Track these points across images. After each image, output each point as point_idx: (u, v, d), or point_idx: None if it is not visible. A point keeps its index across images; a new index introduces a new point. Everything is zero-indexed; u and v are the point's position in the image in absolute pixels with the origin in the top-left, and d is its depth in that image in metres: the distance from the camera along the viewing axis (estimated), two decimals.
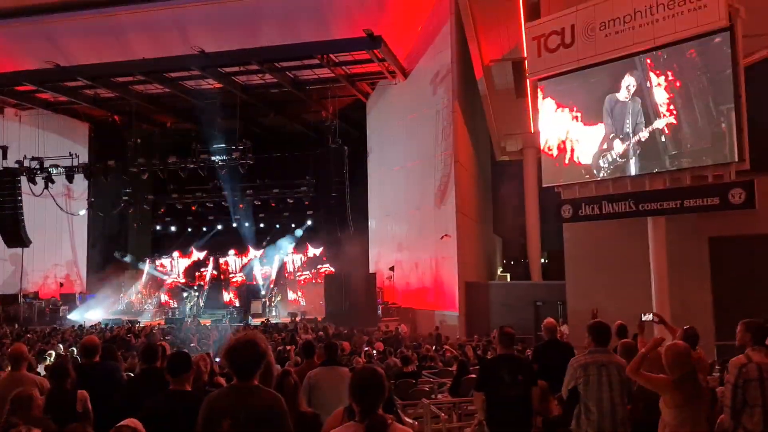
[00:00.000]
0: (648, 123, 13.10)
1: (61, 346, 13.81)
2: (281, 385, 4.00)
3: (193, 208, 28.21)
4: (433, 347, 13.76)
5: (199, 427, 3.17)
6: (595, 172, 14.04)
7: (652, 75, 13.05)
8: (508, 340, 5.29)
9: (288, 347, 12.36)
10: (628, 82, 13.46)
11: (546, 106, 15.01)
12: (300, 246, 27.94)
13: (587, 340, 4.91)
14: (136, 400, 3.98)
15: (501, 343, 5.31)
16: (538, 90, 15.24)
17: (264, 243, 29.10)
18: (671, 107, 12.75)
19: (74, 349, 11.74)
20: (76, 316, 24.63)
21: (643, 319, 6.59)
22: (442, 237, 20.19)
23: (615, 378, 4.63)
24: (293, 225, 28.16)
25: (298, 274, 27.85)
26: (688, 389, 3.99)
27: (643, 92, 13.22)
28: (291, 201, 26.08)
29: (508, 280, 25.85)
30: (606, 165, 13.84)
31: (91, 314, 24.99)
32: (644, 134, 13.16)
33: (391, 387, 5.01)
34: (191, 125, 27.97)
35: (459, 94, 20.24)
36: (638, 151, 13.25)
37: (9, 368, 5.35)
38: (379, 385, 2.83)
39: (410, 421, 6.19)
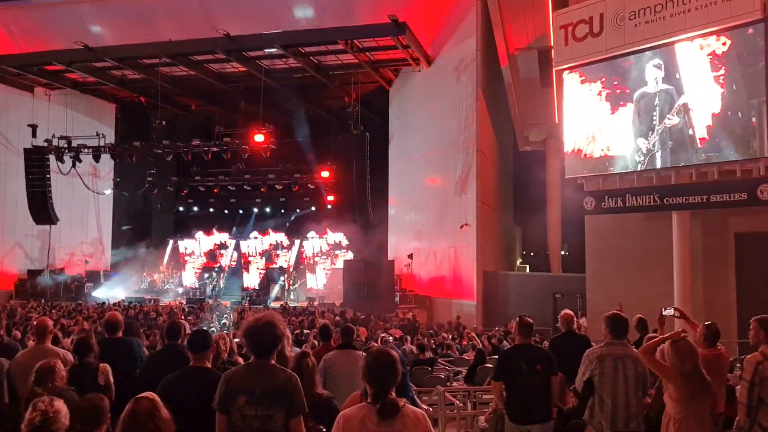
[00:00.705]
0: (676, 115, 12.89)
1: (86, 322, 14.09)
2: (300, 366, 4.05)
3: (216, 191, 28.48)
4: (450, 336, 13.78)
5: (216, 403, 3.25)
6: (620, 165, 13.87)
7: (681, 66, 12.82)
8: (527, 330, 5.27)
9: (306, 331, 12.49)
10: (656, 74, 13.24)
11: (572, 94, 14.83)
12: (320, 231, 28.10)
13: (604, 333, 4.88)
14: (157, 375, 4.06)
15: (520, 333, 5.30)
16: (564, 79, 15.06)
17: (284, 227, 29.35)
18: (701, 100, 12.53)
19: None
20: (100, 293, 25.11)
21: (664, 313, 6.50)
22: (461, 226, 20.13)
23: (631, 371, 4.59)
24: (313, 209, 28.31)
25: (318, 258, 28.00)
26: (694, 384, 3.95)
27: (672, 83, 13.01)
28: (312, 186, 26.18)
29: (527, 271, 25.72)
30: (632, 159, 13.66)
31: (114, 292, 25.47)
32: (670, 124, 12.93)
33: (408, 372, 5.04)
34: (215, 108, 28.22)
35: (483, 83, 20.07)
36: (665, 145, 13.06)
37: (35, 341, 5.49)
38: (391, 368, 2.86)
39: (425, 406, 6.22)
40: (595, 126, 14.35)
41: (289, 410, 3.20)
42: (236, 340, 7.30)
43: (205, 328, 12.52)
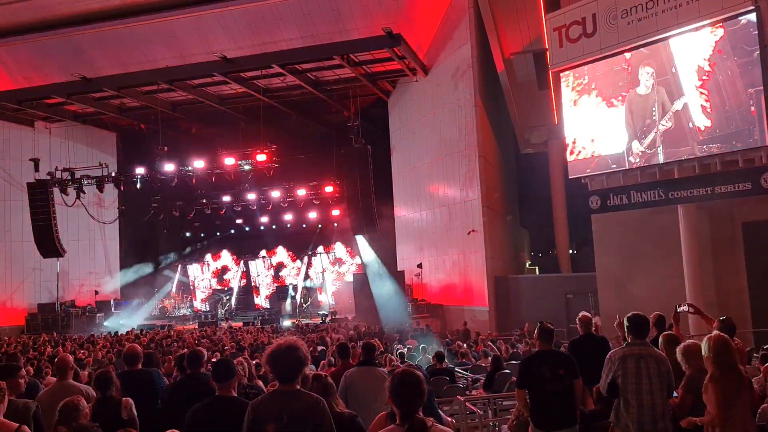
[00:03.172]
0: (671, 111, 12.93)
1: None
2: (312, 389, 4.06)
3: (221, 212, 28.56)
4: (464, 344, 13.76)
5: (245, 431, 3.26)
6: (621, 163, 13.89)
7: (676, 60, 12.87)
8: (547, 336, 5.28)
9: (320, 348, 12.48)
10: (651, 72, 13.30)
11: (569, 95, 14.89)
12: (327, 246, 28.13)
13: (621, 332, 4.87)
14: (180, 406, 4.07)
15: (540, 339, 5.30)
16: (561, 80, 15.13)
17: (292, 244, 29.40)
18: (698, 92, 12.56)
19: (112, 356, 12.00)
20: (111, 323, 25.13)
21: (678, 310, 6.53)
22: (468, 232, 20.14)
23: (654, 370, 4.57)
24: (320, 226, 28.36)
25: (327, 273, 28.01)
26: (731, 381, 3.93)
27: (667, 78, 13.05)
28: (317, 202, 26.24)
29: (537, 273, 25.67)
30: (634, 158, 13.68)
31: (125, 320, 25.49)
32: (663, 129, 12.98)
33: (430, 389, 5.04)
34: (216, 130, 28.36)
35: (480, 89, 20.14)
36: (665, 140, 13.08)
37: (56, 377, 5.52)
38: (418, 388, 2.86)
39: (448, 418, 6.23)
40: (593, 126, 14.40)
41: None
42: (254, 361, 7.33)
43: (219, 353, 12.54)
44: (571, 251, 24.19)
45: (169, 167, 22.38)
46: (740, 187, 12.21)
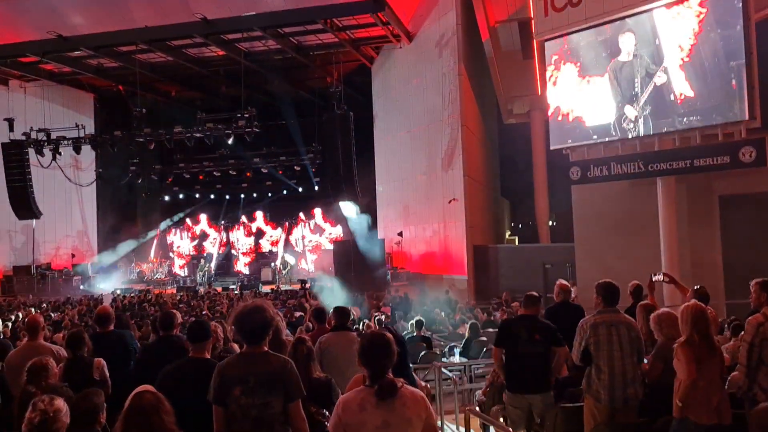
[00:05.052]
0: (654, 78, 12.90)
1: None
2: (295, 353, 4.06)
3: (201, 177, 28.26)
4: (442, 313, 13.86)
5: (211, 396, 3.23)
6: (603, 134, 13.90)
7: (660, 31, 12.80)
8: (530, 301, 5.41)
9: (298, 313, 12.51)
10: (632, 40, 13.23)
11: (553, 66, 14.80)
12: (308, 213, 28.04)
13: (595, 301, 4.91)
14: (153, 367, 4.04)
15: (524, 304, 5.47)
16: (545, 50, 15.01)
17: (272, 210, 29.26)
18: (681, 64, 12.54)
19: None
20: (88, 286, 24.95)
21: (653, 279, 6.60)
22: (449, 201, 20.17)
23: (625, 337, 4.63)
24: (300, 191, 28.23)
25: (307, 241, 27.97)
26: (702, 348, 3.98)
27: (650, 49, 13.00)
28: (298, 168, 26.04)
29: (517, 243, 25.88)
30: (617, 128, 13.68)
31: (103, 284, 25.32)
32: (660, 82, 12.85)
33: (405, 351, 5.08)
34: (196, 93, 27.87)
35: (465, 57, 19.95)
36: (647, 111, 13.08)
37: (26, 338, 5.45)
38: (386, 350, 2.85)
39: (423, 383, 6.28)
40: (576, 96, 14.35)
41: (286, 396, 3.19)
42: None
43: (197, 317, 12.50)
44: (551, 222, 24.38)
45: (147, 130, 21.97)
46: (718, 161, 12.33)
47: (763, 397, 4.12)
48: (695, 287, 5.89)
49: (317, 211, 27.84)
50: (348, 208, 23.55)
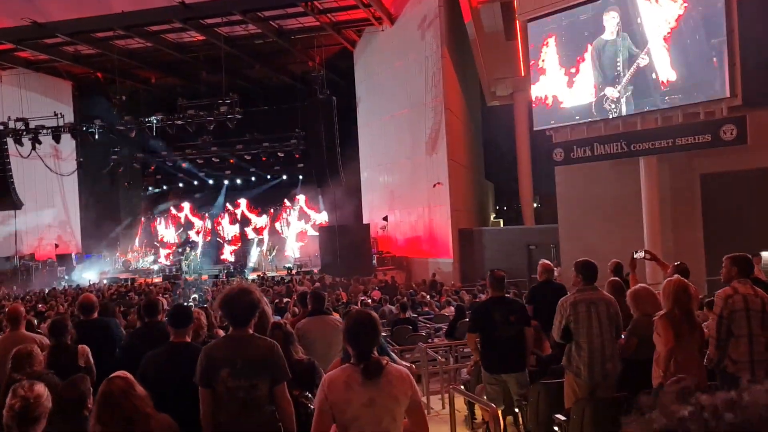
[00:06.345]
0: (637, 59, 12.95)
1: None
2: (272, 338, 4.06)
3: (183, 165, 27.98)
4: (428, 296, 13.94)
5: (198, 378, 3.24)
6: (586, 114, 13.94)
7: (642, 10, 12.82)
8: (498, 283, 5.41)
9: (285, 300, 12.50)
10: (615, 19, 13.24)
11: (536, 47, 14.79)
12: (292, 199, 27.94)
13: (574, 279, 4.96)
14: (138, 354, 4.03)
15: (492, 286, 5.46)
16: (528, 31, 14.99)
17: (256, 197, 29.11)
18: (662, 43, 12.58)
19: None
20: (73, 277, 24.74)
21: (635, 256, 6.67)
22: (434, 185, 20.19)
23: (603, 314, 4.69)
24: (284, 177, 28.09)
25: (293, 227, 27.89)
26: (683, 322, 4.03)
27: (632, 28, 13.02)
28: (281, 154, 25.87)
29: (501, 225, 26.00)
30: (599, 108, 13.73)
31: (87, 274, 25.11)
32: (644, 64, 12.90)
33: (387, 333, 5.12)
34: (176, 80, 27.51)
35: (447, 39, 19.87)
36: (630, 90, 13.14)
37: (8, 329, 5.40)
38: (372, 328, 2.88)
39: (407, 364, 6.31)
40: (559, 77, 14.37)
41: (273, 378, 3.21)
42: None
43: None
44: (535, 205, 24.51)
45: (127, 118, 21.69)
46: (700, 139, 12.42)
47: (732, 368, 4.19)
48: (676, 263, 5.96)
49: (301, 198, 27.73)
50: (330, 196, 23.50)
